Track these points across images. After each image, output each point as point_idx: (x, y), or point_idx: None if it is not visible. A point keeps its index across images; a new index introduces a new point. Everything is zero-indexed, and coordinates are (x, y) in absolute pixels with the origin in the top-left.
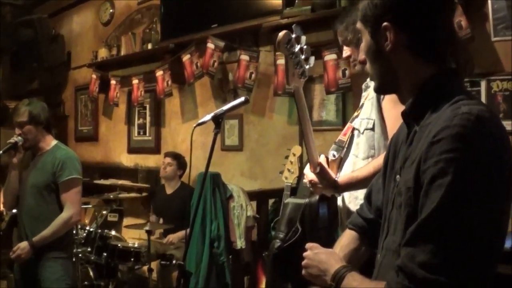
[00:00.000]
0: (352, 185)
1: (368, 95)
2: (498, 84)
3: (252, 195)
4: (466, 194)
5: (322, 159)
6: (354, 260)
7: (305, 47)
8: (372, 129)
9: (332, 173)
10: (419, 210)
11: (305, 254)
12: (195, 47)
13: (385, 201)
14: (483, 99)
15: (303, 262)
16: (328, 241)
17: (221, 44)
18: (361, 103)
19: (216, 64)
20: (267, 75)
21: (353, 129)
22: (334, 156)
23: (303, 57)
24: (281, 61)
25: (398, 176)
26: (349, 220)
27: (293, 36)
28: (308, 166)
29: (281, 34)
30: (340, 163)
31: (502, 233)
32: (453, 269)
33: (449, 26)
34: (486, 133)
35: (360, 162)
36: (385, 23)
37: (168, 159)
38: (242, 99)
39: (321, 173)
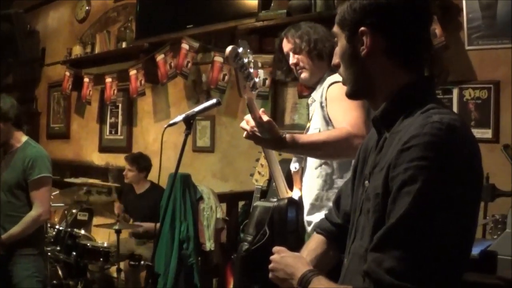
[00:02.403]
0: (298, 145)
1: (315, 108)
2: (470, 92)
3: (222, 197)
4: (434, 202)
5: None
6: (321, 264)
7: (253, 61)
8: None
9: (277, 128)
10: (387, 216)
11: (272, 257)
12: (170, 47)
13: (353, 206)
14: (455, 107)
15: (270, 266)
16: (296, 245)
17: (196, 45)
18: (310, 115)
19: (190, 64)
20: None
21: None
22: (295, 168)
23: (252, 70)
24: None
25: (367, 182)
26: (317, 224)
27: (240, 50)
28: (248, 115)
29: (228, 48)
30: (301, 173)
31: (469, 241)
32: (419, 276)
33: (426, 34)
34: (456, 142)
35: (313, 171)
36: (362, 28)
37: (127, 165)
38: (214, 101)
39: (267, 124)
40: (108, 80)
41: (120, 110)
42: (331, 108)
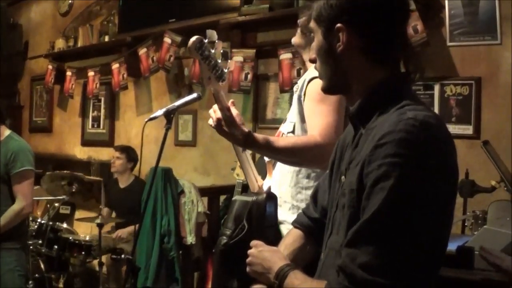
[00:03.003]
0: (263, 147)
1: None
2: (451, 89)
3: (203, 191)
4: (407, 198)
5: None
6: (298, 259)
7: (222, 51)
8: (293, 131)
9: (243, 126)
10: (361, 212)
11: (249, 251)
12: (152, 41)
13: (330, 202)
14: (436, 103)
15: (248, 260)
16: (274, 240)
17: (178, 39)
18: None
19: (172, 59)
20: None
21: (282, 134)
22: (269, 158)
23: (220, 61)
24: (236, 58)
25: (343, 177)
26: (295, 219)
27: (206, 41)
28: (216, 105)
29: (192, 39)
30: (274, 164)
31: (443, 237)
32: (392, 271)
33: (403, 31)
34: (431, 139)
35: (284, 166)
36: (338, 24)
37: (117, 153)
38: (194, 95)
39: (234, 118)
40: (91, 73)
41: (102, 104)
42: (306, 107)
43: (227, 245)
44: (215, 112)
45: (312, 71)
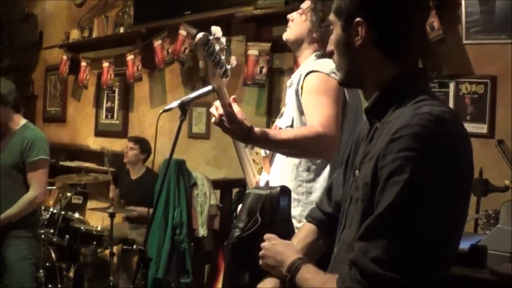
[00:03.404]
0: (265, 141)
1: (290, 93)
2: (466, 87)
3: (216, 184)
4: (421, 193)
5: (231, 100)
6: (311, 253)
7: (226, 47)
8: (291, 125)
9: (245, 120)
10: (375, 206)
11: (262, 244)
12: (167, 33)
13: (344, 196)
14: (451, 101)
15: (260, 253)
16: (287, 233)
17: (193, 31)
18: (286, 101)
19: (187, 51)
20: (237, 65)
21: (279, 128)
22: (265, 153)
23: (223, 57)
24: (251, 52)
25: (357, 171)
26: (308, 213)
27: (211, 37)
28: (217, 101)
29: (198, 36)
30: (271, 159)
31: (456, 233)
32: (404, 266)
33: (421, 28)
34: (445, 134)
35: (284, 159)
36: (358, 19)
37: (131, 144)
38: (209, 87)
39: (236, 114)
40: (105, 64)
41: (116, 95)
42: (305, 100)
43: (239, 237)
44: (217, 109)
45: (307, 65)
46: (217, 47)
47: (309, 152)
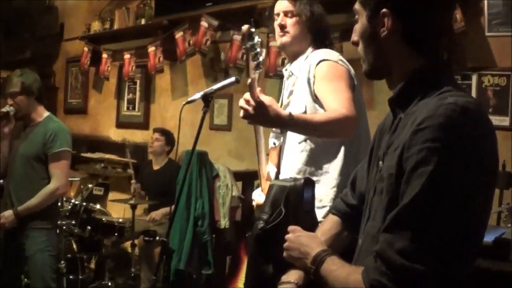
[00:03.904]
0: (304, 125)
1: (295, 82)
2: (489, 79)
3: (238, 176)
4: (447, 184)
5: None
6: (335, 245)
7: (260, 40)
8: (305, 112)
9: (280, 108)
10: (400, 197)
11: (287, 236)
12: (189, 25)
13: (368, 187)
14: (474, 93)
15: (285, 245)
16: (311, 225)
17: (215, 23)
18: (288, 91)
19: (208, 42)
20: None
21: (289, 112)
22: (274, 144)
23: (259, 49)
24: (273, 43)
25: (381, 162)
26: (332, 205)
27: (253, 29)
28: (247, 94)
29: (244, 28)
30: (280, 150)
31: (481, 225)
32: (430, 257)
33: (447, 20)
34: (470, 125)
35: (296, 146)
36: (384, 10)
37: (156, 135)
38: (232, 79)
39: (264, 105)
40: (127, 56)
41: (138, 87)
42: (319, 87)
43: (263, 229)
44: (248, 102)
45: (313, 55)
46: (255, 40)
47: (339, 133)
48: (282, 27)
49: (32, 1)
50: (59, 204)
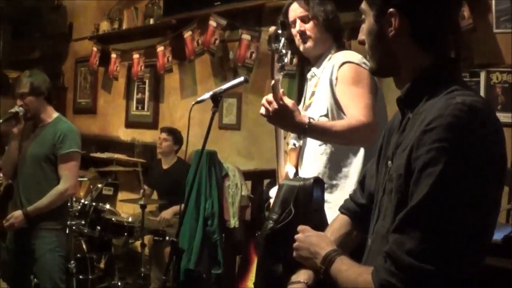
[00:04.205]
0: (322, 132)
1: (318, 83)
2: (497, 76)
3: (247, 175)
4: (456, 184)
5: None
6: (345, 244)
7: (286, 42)
8: (326, 115)
9: (300, 114)
10: (409, 197)
11: (296, 236)
12: (197, 24)
13: (377, 187)
14: (482, 90)
15: (295, 244)
16: (321, 225)
17: (223, 22)
18: (310, 91)
19: (217, 42)
20: (268, 55)
21: (309, 118)
22: (294, 145)
23: (284, 51)
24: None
25: (390, 162)
26: (342, 204)
27: (279, 31)
28: (270, 95)
29: (271, 30)
30: (299, 152)
31: (490, 224)
32: (439, 257)
33: (454, 18)
34: (479, 124)
35: (317, 148)
36: (391, 9)
37: (164, 135)
38: (241, 78)
39: (292, 107)
40: (136, 56)
41: (147, 86)
42: (341, 90)
43: (273, 229)
44: (270, 104)
45: (336, 56)
46: (282, 42)
47: (357, 141)
48: (302, 33)
49: (41, 0)
50: (68, 204)
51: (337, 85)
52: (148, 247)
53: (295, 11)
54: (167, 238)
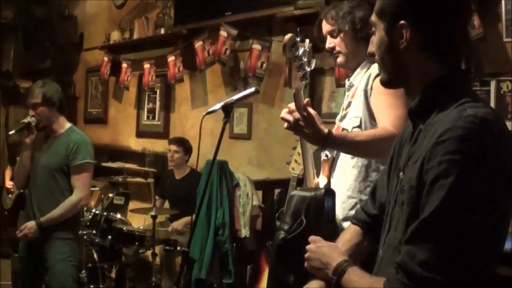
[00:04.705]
0: (343, 144)
1: (355, 94)
2: (508, 85)
3: (258, 184)
4: (467, 196)
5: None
6: (356, 255)
7: (308, 50)
8: (359, 126)
9: (322, 125)
10: (420, 209)
11: (308, 247)
12: (208, 34)
13: (388, 198)
14: (492, 99)
15: (306, 255)
16: (332, 235)
17: (234, 32)
18: (347, 102)
19: (228, 52)
20: (278, 65)
21: (343, 129)
22: (326, 156)
23: (305, 60)
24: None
25: (401, 174)
26: (353, 215)
27: (298, 39)
28: (292, 104)
29: (287, 37)
30: (332, 162)
31: (501, 235)
32: (451, 269)
33: (464, 28)
34: (490, 136)
35: (349, 161)
36: (402, 21)
37: (174, 147)
38: (252, 89)
39: (313, 117)
40: (147, 66)
41: (157, 96)
42: (375, 100)
43: (284, 239)
44: (291, 113)
45: (375, 66)
46: (301, 50)
47: (385, 151)
48: (332, 49)
49: (52, 10)
50: (80, 214)
51: (372, 95)
52: (159, 257)
53: (324, 26)
54: (178, 248)
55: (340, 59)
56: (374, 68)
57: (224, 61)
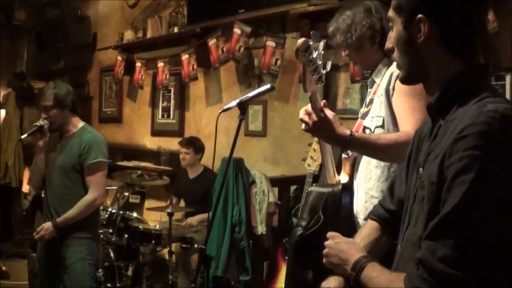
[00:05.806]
0: (364, 146)
1: (377, 91)
2: None
3: (274, 181)
4: (488, 191)
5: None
6: (374, 251)
7: (322, 52)
8: (382, 126)
9: (343, 126)
10: (441, 204)
11: (326, 243)
12: (222, 32)
13: (407, 193)
14: (508, 93)
15: (324, 251)
16: (350, 231)
17: (248, 29)
18: (369, 99)
19: (242, 49)
20: (293, 61)
21: (364, 127)
22: (347, 154)
23: (320, 62)
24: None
25: (421, 169)
26: (371, 210)
27: (311, 43)
28: (309, 105)
29: (299, 42)
30: (354, 161)
31: None
32: (472, 265)
33: (482, 22)
34: (510, 131)
35: (372, 161)
36: (420, 15)
37: (183, 149)
38: (267, 86)
39: (332, 119)
40: (160, 64)
41: (172, 94)
42: (397, 101)
43: (302, 236)
44: (309, 116)
45: (394, 65)
46: (315, 53)
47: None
48: (350, 59)
49: (65, 10)
50: (98, 214)
51: (394, 96)
52: (175, 255)
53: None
54: (195, 246)
55: (358, 66)
56: (395, 67)
57: (238, 59)
